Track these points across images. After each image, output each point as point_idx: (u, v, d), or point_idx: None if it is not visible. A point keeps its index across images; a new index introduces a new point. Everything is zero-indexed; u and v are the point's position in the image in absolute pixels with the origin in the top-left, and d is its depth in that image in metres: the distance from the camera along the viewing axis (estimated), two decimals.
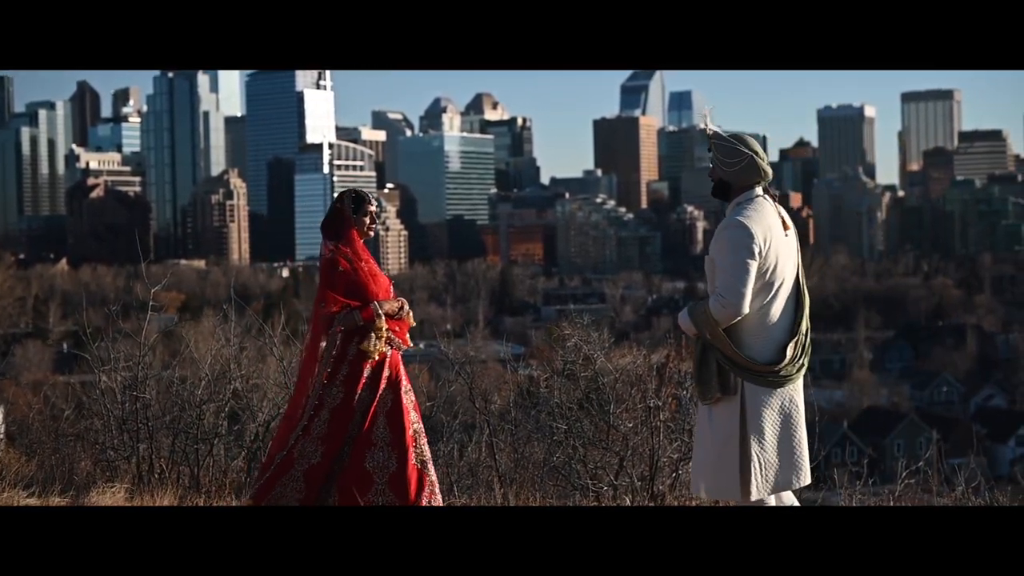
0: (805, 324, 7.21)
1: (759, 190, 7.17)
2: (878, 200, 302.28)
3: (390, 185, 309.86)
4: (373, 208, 8.42)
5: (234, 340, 11.80)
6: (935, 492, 10.80)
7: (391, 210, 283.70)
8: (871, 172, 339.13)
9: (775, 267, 7.08)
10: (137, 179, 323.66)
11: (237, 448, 11.32)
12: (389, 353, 8.25)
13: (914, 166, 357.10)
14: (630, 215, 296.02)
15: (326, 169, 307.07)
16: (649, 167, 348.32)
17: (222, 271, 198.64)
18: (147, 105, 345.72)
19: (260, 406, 11.61)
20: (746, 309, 6.98)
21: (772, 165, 7.43)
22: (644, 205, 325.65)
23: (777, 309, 7.13)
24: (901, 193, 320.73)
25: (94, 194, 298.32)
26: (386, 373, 8.23)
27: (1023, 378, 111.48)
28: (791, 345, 7.11)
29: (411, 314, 8.44)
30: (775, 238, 7.09)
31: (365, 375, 8.17)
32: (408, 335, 8.47)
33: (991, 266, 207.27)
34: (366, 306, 8.14)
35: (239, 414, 11.65)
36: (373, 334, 8.14)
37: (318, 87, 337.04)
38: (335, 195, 8.86)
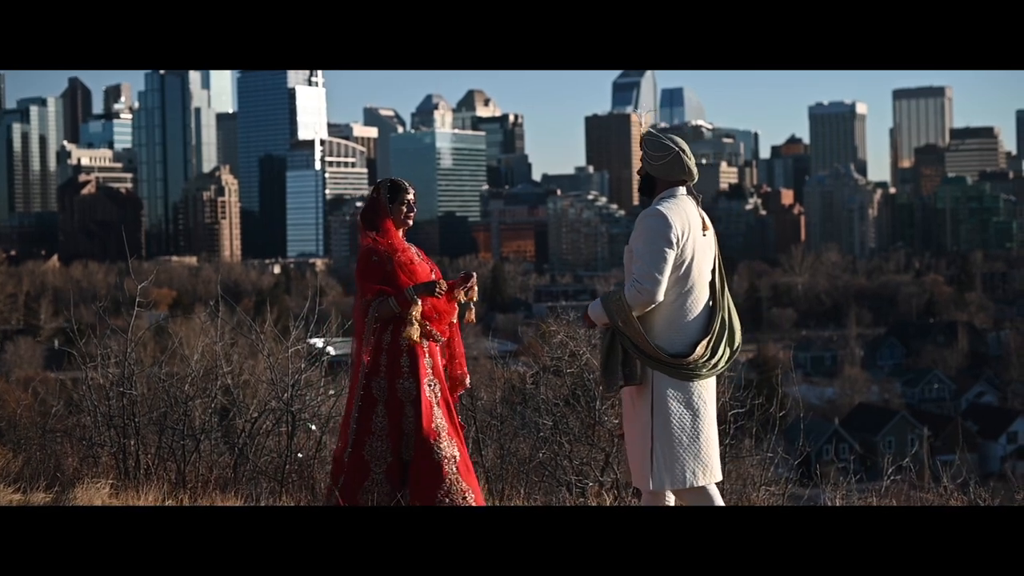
0: (718, 324, 7.24)
1: (683, 189, 7.29)
2: (869, 197, 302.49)
3: None
4: (410, 196, 8.39)
5: (220, 336, 11.79)
6: (919, 489, 10.83)
7: None
8: (863, 169, 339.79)
9: (691, 261, 7.17)
10: (128, 176, 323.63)
11: (225, 444, 11.33)
12: (426, 344, 8.24)
13: (905, 163, 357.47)
14: (622, 212, 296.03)
15: (318, 166, 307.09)
16: (638, 163, 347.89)
17: (213, 268, 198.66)
18: (138, 102, 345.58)
19: (249, 403, 11.61)
20: (660, 296, 7.06)
21: (764, 162, 7.55)
22: (636, 202, 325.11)
23: (692, 304, 7.20)
24: (892, 190, 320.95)
25: (85, 191, 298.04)
26: (426, 361, 8.20)
27: (1014, 375, 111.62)
28: (703, 343, 7.16)
29: (474, 289, 8.47)
30: (693, 233, 7.20)
31: (403, 365, 8.15)
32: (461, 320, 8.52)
33: (982, 263, 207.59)
34: (402, 294, 8.11)
35: (228, 410, 11.65)
36: (406, 322, 8.13)
37: (310, 84, 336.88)
38: (325, 193, 8.86)
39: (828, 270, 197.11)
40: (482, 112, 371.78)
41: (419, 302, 8.10)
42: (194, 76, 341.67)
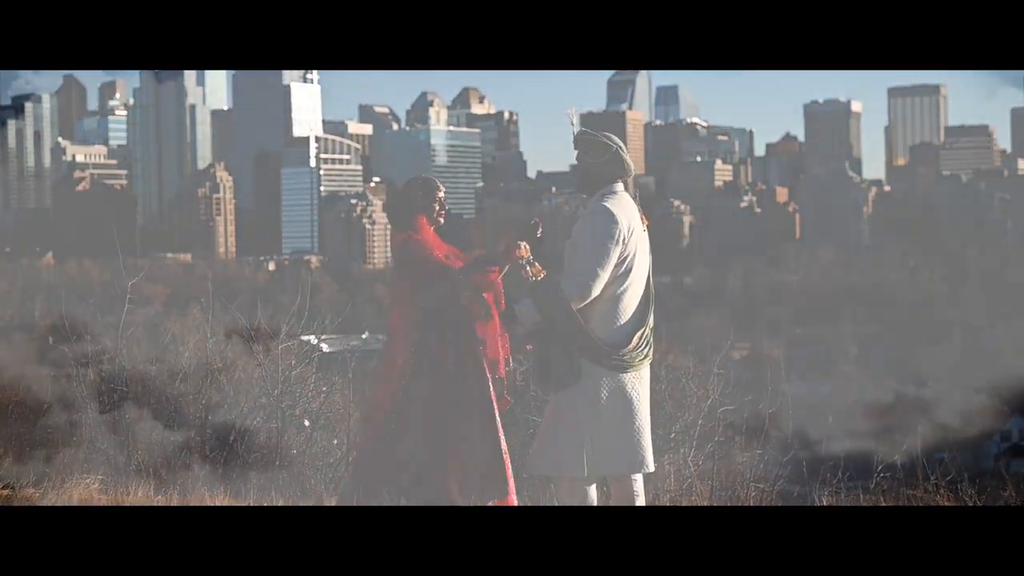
0: (652, 318, 7.42)
1: (621, 185, 7.42)
2: (864, 195, 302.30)
3: (376, 179, 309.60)
4: (441, 194, 8.39)
5: (213, 333, 11.80)
6: (910, 487, 10.84)
7: (377, 204, 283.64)
8: (857, 167, 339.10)
9: (633, 257, 7.33)
10: (123, 173, 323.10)
11: (215, 441, 11.32)
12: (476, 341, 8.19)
13: (900, 161, 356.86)
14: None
15: (312, 163, 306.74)
16: (636, 161, 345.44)
17: (208, 265, 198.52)
18: (133, 98, 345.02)
19: (241, 399, 11.61)
20: (597, 292, 7.23)
21: (759, 159, 7.65)
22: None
23: (630, 298, 7.37)
24: (887, 188, 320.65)
25: (80, 187, 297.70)
26: (472, 362, 8.16)
27: (1008, 373, 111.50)
28: (638, 334, 7.31)
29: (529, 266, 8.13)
30: (636, 230, 7.33)
31: (449, 364, 8.09)
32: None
33: (977, 261, 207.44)
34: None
35: (219, 406, 11.65)
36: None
37: (304, 81, 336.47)
38: (320, 190, 8.78)
39: (822, 267, 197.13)
40: (477, 109, 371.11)
41: (472, 282, 8.03)
42: (189, 73, 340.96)
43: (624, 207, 7.31)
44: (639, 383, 7.32)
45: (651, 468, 7.44)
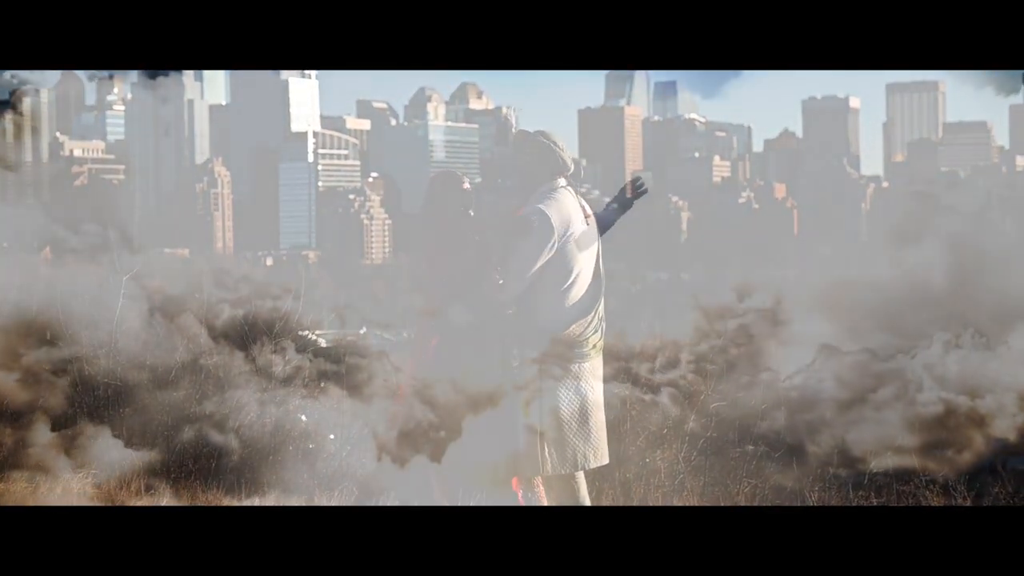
0: (602, 307, 7.51)
1: (562, 181, 7.52)
2: (862, 191, 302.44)
3: (374, 174, 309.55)
4: (467, 186, 8.44)
5: (207, 328, 11.81)
6: (903, 483, 10.86)
7: (375, 199, 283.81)
8: (856, 163, 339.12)
9: (574, 255, 7.38)
10: (121, 167, 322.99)
11: (208, 436, 11.31)
12: None
13: (898, 157, 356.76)
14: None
15: (310, 158, 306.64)
16: (634, 157, 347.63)
17: (206, 260, 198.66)
18: (131, 93, 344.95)
19: (237, 394, 11.61)
20: (516, 294, 7.36)
21: (757, 155, 7.74)
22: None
23: (576, 290, 7.52)
24: (885, 184, 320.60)
25: (78, 182, 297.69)
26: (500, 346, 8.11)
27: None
28: (581, 322, 7.46)
29: None
30: (574, 226, 7.40)
31: (482, 348, 8.05)
32: None
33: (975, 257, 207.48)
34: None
35: (213, 404, 11.64)
36: None
37: (303, 76, 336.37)
38: (318, 185, 8.79)
39: (820, 264, 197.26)
40: (475, 105, 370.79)
41: None
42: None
43: (561, 206, 7.41)
44: (592, 376, 7.40)
45: (605, 461, 7.53)
